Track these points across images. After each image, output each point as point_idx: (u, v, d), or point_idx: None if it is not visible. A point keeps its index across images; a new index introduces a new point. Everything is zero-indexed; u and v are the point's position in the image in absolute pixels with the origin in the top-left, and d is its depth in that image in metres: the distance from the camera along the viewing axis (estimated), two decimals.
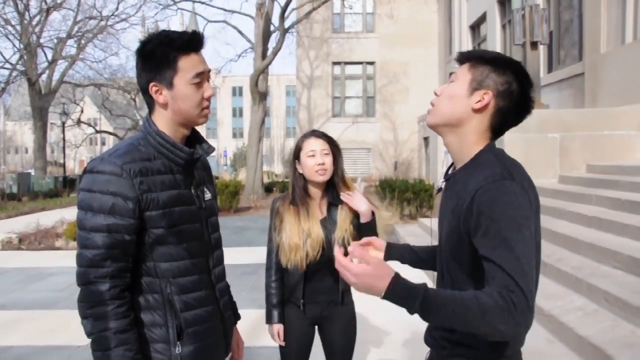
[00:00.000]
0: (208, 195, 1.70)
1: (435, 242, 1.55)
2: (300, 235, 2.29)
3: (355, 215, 2.35)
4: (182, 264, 1.56)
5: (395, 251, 1.74)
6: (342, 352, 2.45)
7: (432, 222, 1.53)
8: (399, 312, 1.98)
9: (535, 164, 7.47)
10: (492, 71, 1.35)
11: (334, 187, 2.37)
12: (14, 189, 20.81)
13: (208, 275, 1.66)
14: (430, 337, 1.50)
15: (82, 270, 1.46)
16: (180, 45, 1.51)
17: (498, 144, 1.45)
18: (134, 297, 1.53)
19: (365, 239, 1.74)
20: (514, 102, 1.35)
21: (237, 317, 1.93)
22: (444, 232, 1.39)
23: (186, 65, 1.51)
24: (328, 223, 2.34)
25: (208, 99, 1.58)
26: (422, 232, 9.11)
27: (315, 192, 2.37)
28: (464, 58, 1.42)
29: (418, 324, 1.77)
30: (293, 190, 2.38)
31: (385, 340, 4.26)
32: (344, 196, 2.33)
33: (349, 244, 2.28)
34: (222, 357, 1.73)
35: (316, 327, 2.47)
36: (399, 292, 1.21)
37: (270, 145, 43.55)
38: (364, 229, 2.30)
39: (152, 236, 1.52)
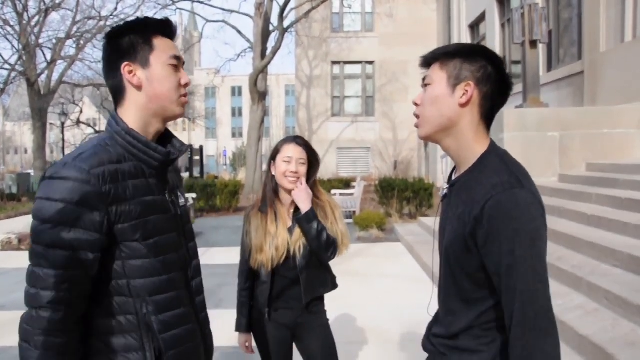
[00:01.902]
0: (182, 201, 1.54)
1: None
2: (267, 237, 2.29)
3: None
4: (158, 279, 1.38)
5: None
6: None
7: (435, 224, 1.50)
8: (398, 311, 1.97)
9: (535, 162, 7.47)
10: (464, 62, 1.34)
11: None
12: (14, 190, 20.83)
13: (186, 290, 1.49)
14: (428, 343, 1.47)
15: (33, 291, 1.27)
16: (155, 25, 1.42)
17: (497, 142, 1.43)
18: (104, 319, 1.36)
19: None
20: (494, 83, 1.34)
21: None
22: (448, 238, 1.36)
23: (162, 45, 1.42)
24: (294, 231, 2.32)
25: (185, 86, 1.45)
26: (422, 231, 9.11)
27: (286, 197, 2.36)
28: (430, 60, 1.40)
29: (416, 324, 1.76)
30: (264, 190, 2.40)
31: (382, 338, 4.26)
32: (294, 190, 2.31)
33: (301, 250, 2.28)
34: None
35: (294, 338, 2.42)
36: None
37: (269, 144, 43.55)
38: (297, 221, 2.30)
39: (125, 250, 1.34)
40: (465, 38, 18.52)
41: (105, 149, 1.35)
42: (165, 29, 1.44)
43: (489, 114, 1.37)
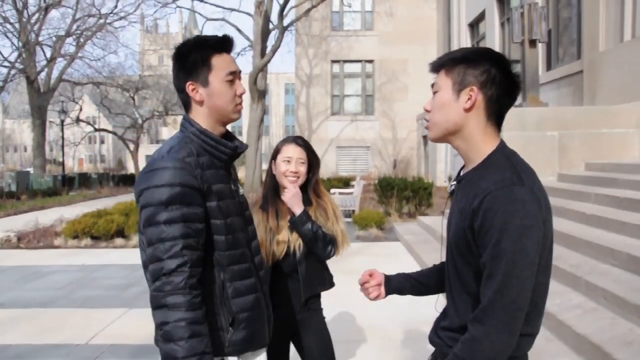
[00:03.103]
0: (242, 191, 1.82)
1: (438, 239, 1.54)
2: (267, 233, 2.32)
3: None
4: (235, 252, 1.65)
5: (394, 283, 1.75)
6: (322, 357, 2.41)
7: (443, 223, 1.53)
8: (396, 310, 1.99)
9: (533, 162, 7.33)
10: (467, 67, 1.37)
11: (306, 195, 2.39)
12: (13, 188, 20.81)
13: (252, 264, 1.75)
14: (436, 337, 1.49)
15: (159, 264, 1.49)
16: (214, 45, 1.64)
17: None
18: None
19: (367, 271, 1.75)
20: (500, 85, 1.36)
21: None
22: (452, 232, 1.40)
23: (220, 63, 1.64)
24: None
25: (240, 96, 1.69)
26: (421, 230, 9.12)
27: None
28: (437, 66, 1.44)
29: (414, 323, 1.77)
30: (265, 189, 2.44)
31: (382, 337, 4.26)
32: (284, 195, 2.35)
33: (300, 247, 2.30)
34: (267, 342, 1.79)
35: (291, 334, 2.43)
36: None
37: (269, 143, 43.56)
38: (292, 224, 2.33)
39: (212, 227, 1.60)
40: (465, 37, 18.53)
41: (188, 144, 1.62)
42: (223, 45, 1.67)
43: (496, 115, 1.40)
